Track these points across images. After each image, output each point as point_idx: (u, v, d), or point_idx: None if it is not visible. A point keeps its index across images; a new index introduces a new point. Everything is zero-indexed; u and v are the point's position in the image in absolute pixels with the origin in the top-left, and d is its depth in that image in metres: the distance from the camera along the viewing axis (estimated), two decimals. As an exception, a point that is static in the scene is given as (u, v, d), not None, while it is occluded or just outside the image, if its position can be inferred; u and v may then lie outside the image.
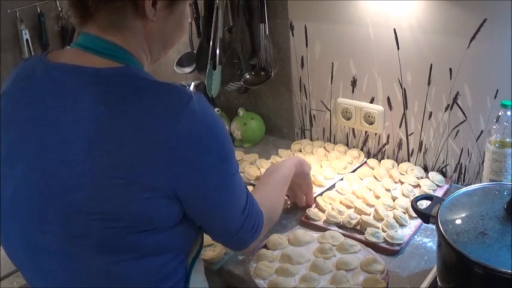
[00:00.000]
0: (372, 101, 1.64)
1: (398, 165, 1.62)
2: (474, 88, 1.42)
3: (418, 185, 1.51)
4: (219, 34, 1.75)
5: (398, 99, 1.58)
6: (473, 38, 1.36)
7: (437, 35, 1.42)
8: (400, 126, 1.61)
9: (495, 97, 1.39)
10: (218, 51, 1.76)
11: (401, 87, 1.56)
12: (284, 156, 1.72)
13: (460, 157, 1.53)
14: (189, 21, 1.03)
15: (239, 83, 1.79)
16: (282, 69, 1.78)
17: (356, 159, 1.68)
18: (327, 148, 1.76)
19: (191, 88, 1.97)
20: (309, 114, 1.81)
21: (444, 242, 1.00)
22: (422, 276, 1.19)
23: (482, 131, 1.45)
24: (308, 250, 1.29)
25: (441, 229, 1.02)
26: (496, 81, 1.37)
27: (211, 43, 1.77)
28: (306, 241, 1.31)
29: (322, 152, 1.72)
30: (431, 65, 1.47)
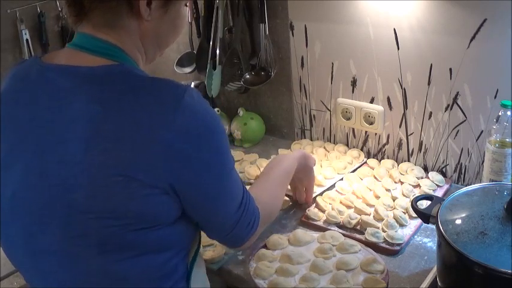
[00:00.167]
0: (372, 101, 1.64)
1: (398, 165, 1.62)
2: (474, 88, 1.42)
3: (418, 185, 1.51)
4: (219, 34, 1.75)
5: (398, 99, 1.58)
6: (473, 38, 1.36)
7: (437, 35, 1.42)
8: (400, 126, 1.61)
9: (495, 97, 1.39)
10: (218, 51, 1.76)
11: (401, 87, 1.56)
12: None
13: (460, 157, 1.53)
14: (186, 21, 1.02)
15: (239, 83, 1.79)
16: (282, 69, 1.78)
17: (356, 159, 1.68)
18: (327, 148, 1.76)
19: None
20: (309, 114, 1.81)
21: (444, 242, 1.00)
22: (422, 276, 1.19)
23: (482, 131, 1.45)
24: (308, 250, 1.29)
25: (441, 229, 1.02)
26: (496, 81, 1.37)
27: (211, 43, 1.77)
28: (306, 241, 1.31)
29: (322, 152, 1.72)
30: (431, 65, 1.47)
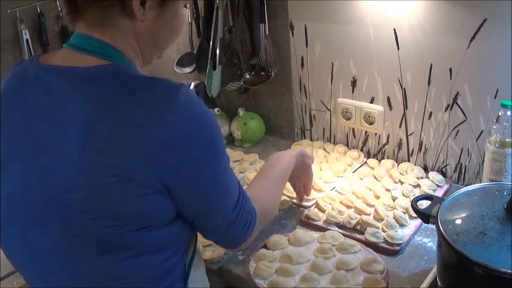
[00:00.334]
0: (372, 101, 1.64)
1: (398, 165, 1.61)
2: (474, 88, 1.42)
3: (418, 185, 1.51)
4: (219, 34, 1.75)
5: (398, 99, 1.58)
6: (473, 38, 1.36)
7: (437, 35, 1.42)
8: (400, 126, 1.61)
9: (495, 97, 1.39)
10: (218, 51, 1.76)
11: (401, 87, 1.56)
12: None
13: (460, 157, 1.53)
14: (185, 23, 1.01)
15: (239, 83, 1.79)
16: (282, 69, 1.78)
17: (356, 160, 1.68)
18: (327, 149, 1.76)
19: (191, 88, 1.97)
20: (309, 114, 1.81)
21: (444, 242, 1.00)
22: (422, 276, 1.19)
23: (482, 131, 1.45)
24: (308, 250, 1.29)
25: (441, 229, 1.02)
26: (496, 81, 1.37)
27: (211, 43, 1.77)
28: (306, 241, 1.31)
29: (321, 154, 1.72)
30: (431, 65, 1.47)
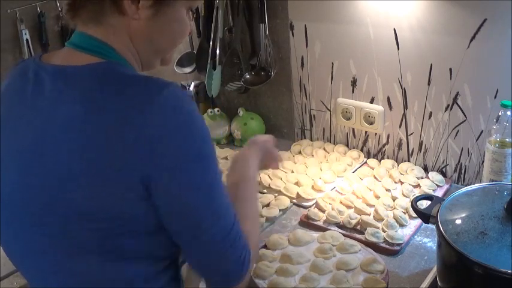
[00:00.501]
0: (372, 101, 1.64)
1: (398, 165, 1.61)
2: (474, 88, 1.42)
3: (418, 185, 1.51)
4: (219, 34, 1.75)
5: (398, 99, 1.58)
6: (473, 38, 1.36)
7: (437, 35, 1.42)
8: (400, 126, 1.61)
9: (495, 97, 1.39)
10: (218, 51, 1.76)
11: (401, 87, 1.56)
12: (284, 158, 1.70)
13: (460, 157, 1.53)
14: (187, 27, 0.97)
15: (239, 83, 1.79)
16: (282, 69, 1.78)
17: (356, 160, 1.68)
18: (327, 149, 1.75)
19: (191, 88, 1.97)
20: (309, 114, 1.81)
21: (444, 242, 1.00)
22: (422, 276, 1.19)
23: (482, 131, 1.45)
24: (308, 250, 1.29)
25: (441, 229, 1.02)
26: (496, 81, 1.37)
27: (211, 43, 1.77)
28: (306, 241, 1.31)
29: (322, 154, 1.72)
30: (431, 65, 1.47)
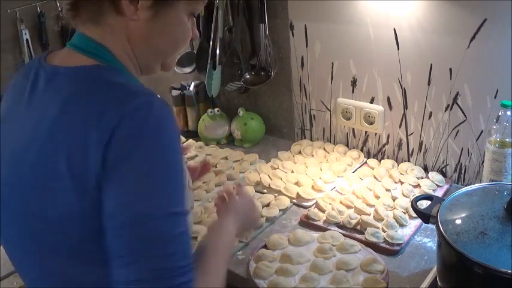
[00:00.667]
0: (372, 101, 1.64)
1: (398, 165, 1.61)
2: (474, 88, 1.42)
3: (418, 185, 1.51)
4: (219, 34, 1.75)
5: (398, 99, 1.58)
6: (473, 38, 1.36)
7: (437, 35, 1.42)
8: (400, 126, 1.61)
9: (495, 97, 1.39)
10: (218, 51, 1.76)
11: (401, 87, 1.56)
12: (284, 158, 1.71)
13: (460, 157, 1.53)
14: (187, 30, 0.94)
15: (239, 83, 1.79)
16: (282, 69, 1.78)
17: (356, 160, 1.68)
18: (327, 149, 1.75)
19: (191, 88, 1.97)
20: (309, 114, 1.81)
21: (444, 242, 1.00)
22: (422, 276, 1.19)
23: (482, 131, 1.45)
24: (308, 250, 1.29)
25: (441, 229, 1.02)
26: (496, 81, 1.37)
27: (211, 43, 1.77)
28: (306, 241, 1.31)
29: (322, 154, 1.72)
30: (431, 65, 1.47)
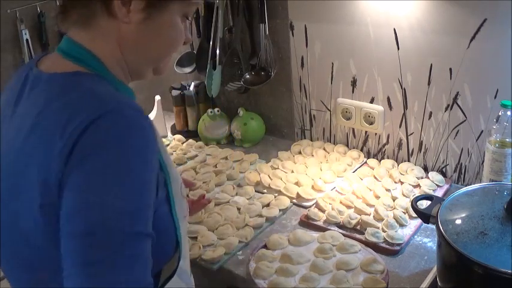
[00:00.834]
0: (372, 101, 1.64)
1: (398, 165, 1.61)
2: (474, 88, 1.42)
3: (418, 185, 1.51)
4: (219, 34, 1.75)
5: (398, 99, 1.58)
6: (473, 38, 1.36)
7: (437, 35, 1.42)
8: (400, 126, 1.61)
9: (495, 97, 1.39)
10: (218, 51, 1.76)
11: (401, 87, 1.56)
12: (284, 158, 1.71)
13: (460, 157, 1.53)
14: (180, 33, 0.90)
15: (239, 83, 1.79)
16: (282, 69, 1.78)
17: (356, 160, 1.68)
18: (327, 149, 1.76)
19: (191, 88, 1.97)
20: (309, 114, 1.81)
21: (444, 242, 1.00)
22: (422, 276, 1.19)
23: (482, 131, 1.45)
24: (308, 250, 1.29)
25: (441, 229, 1.02)
26: (496, 81, 1.37)
27: (211, 43, 1.77)
28: (306, 241, 1.31)
29: (321, 154, 1.72)
30: (431, 65, 1.47)
